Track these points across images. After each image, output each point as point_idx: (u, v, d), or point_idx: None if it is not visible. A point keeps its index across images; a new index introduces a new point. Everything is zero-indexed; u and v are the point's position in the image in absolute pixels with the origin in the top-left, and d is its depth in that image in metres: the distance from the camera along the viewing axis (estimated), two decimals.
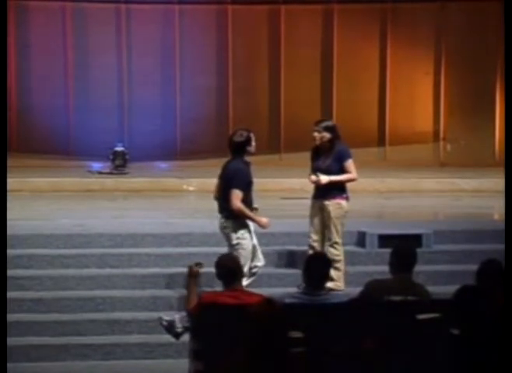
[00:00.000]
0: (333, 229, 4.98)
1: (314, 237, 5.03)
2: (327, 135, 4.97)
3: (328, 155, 4.99)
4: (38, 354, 4.68)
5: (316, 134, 4.98)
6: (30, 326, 4.81)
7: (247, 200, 4.75)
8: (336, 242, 4.99)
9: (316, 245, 5.04)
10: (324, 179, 4.93)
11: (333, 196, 4.98)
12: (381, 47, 9.99)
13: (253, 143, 4.77)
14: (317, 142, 5.00)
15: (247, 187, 4.73)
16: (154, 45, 9.83)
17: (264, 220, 4.72)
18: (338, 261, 4.97)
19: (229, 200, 4.68)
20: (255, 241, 4.81)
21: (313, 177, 4.97)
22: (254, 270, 4.78)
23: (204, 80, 9.82)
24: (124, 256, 5.29)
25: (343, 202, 5.02)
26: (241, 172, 4.71)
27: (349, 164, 5.01)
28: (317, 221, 5.01)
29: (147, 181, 8.41)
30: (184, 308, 3.94)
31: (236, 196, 4.66)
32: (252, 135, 4.78)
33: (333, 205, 4.98)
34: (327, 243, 5.01)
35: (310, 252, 4.99)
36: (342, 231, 5.03)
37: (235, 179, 4.69)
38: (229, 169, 4.77)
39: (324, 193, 4.98)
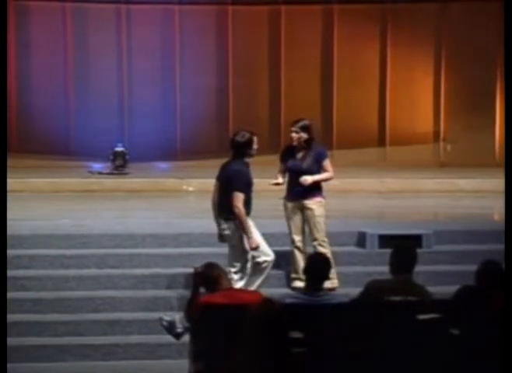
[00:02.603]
0: (318, 228, 4.99)
1: (298, 238, 5.04)
2: (304, 135, 4.99)
3: (306, 156, 5.00)
4: (38, 355, 4.68)
5: (294, 135, 4.97)
6: (31, 327, 4.81)
7: (248, 201, 4.74)
8: (324, 240, 5.00)
9: (301, 245, 5.04)
10: (309, 179, 4.94)
11: (314, 195, 5.01)
12: (381, 47, 9.98)
13: (254, 146, 4.73)
14: (295, 143, 4.99)
15: (247, 189, 4.71)
16: (154, 45, 9.82)
17: (254, 241, 4.62)
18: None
19: (230, 201, 4.66)
20: (259, 236, 4.78)
21: (304, 178, 4.91)
22: (264, 265, 4.74)
23: (204, 80, 9.80)
24: (124, 257, 5.28)
25: (323, 200, 5.07)
26: (242, 174, 4.69)
27: (327, 163, 5.07)
28: (298, 221, 5.02)
29: (147, 181, 8.39)
30: (184, 308, 3.93)
31: (239, 198, 4.64)
32: (255, 138, 4.74)
33: (315, 204, 5.01)
34: (314, 243, 5.01)
35: (297, 253, 5.01)
36: (326, 229, 5.05)
37: (237, 181, 4.66)
38: (229, 171, 4.74)
39: (303, 193, 4.99)
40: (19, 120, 9.63)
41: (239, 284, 4.64)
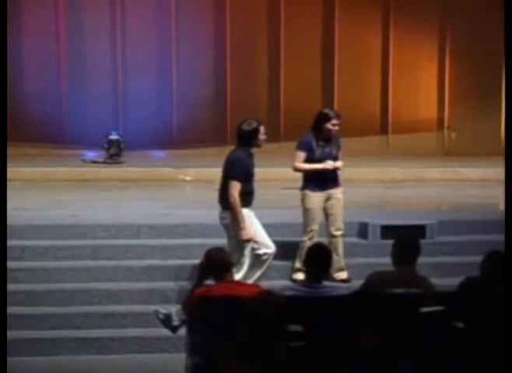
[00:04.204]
0: (343, 217, 4.95)
1: (316, 228, 4.97)
2: None
3: (334, 143, 5.00)
4: (31, 348, 4.62)
5: (337, 128, 4.95)
6: (23, 320, 4.74)
7: (248, 191, 4.64)
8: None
9: (316, 235, 4.98)
10: (340, 164, 4.96)
11: (339, 184, 5.02)
12: (384, 32, 9.82)
13: (260, 136, 4.64)
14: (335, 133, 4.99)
15: (246, 178, 4.61)
16: (149, 30, 9.64)
17: (246, 233, 4.54)
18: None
19: (227, 190, 4.55)
20: (261, 228, 4.70)
21: (340, 164, 4.93)
22: (265, 258, 4.67)
23: (201, 66, 9.63)
24: (119, 248, 5.20)
25: None
26: (240, 163, 4.59)
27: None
28: (321, 212, 4.97)
29: (142, 170, 8.26)
30: (182, 300, 3.84)
31: (234, 187, 4.54)
32: (262, 128, 4.66)
33: (341, 193, 5.01)
34: (338, 233, 4.96)
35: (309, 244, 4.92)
36: None
37: (234, 170, 4.58)
38: (229, 159, 4.67)
39: (332, 182, 4.97)
40: (12, 108, 9.42)
41: (237, 277, 4.53)
